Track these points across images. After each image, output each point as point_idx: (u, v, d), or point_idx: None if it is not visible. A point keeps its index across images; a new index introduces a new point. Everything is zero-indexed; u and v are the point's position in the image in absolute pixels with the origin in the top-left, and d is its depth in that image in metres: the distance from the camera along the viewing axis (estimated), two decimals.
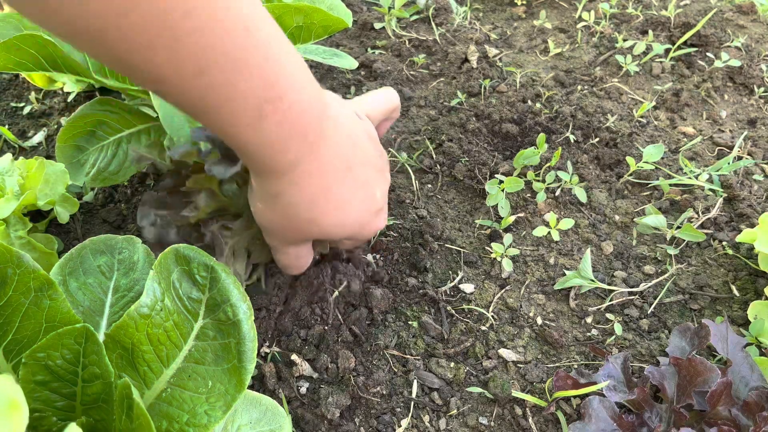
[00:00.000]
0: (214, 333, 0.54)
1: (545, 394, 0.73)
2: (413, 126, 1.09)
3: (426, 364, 0.75)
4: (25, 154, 1.03)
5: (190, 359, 0.53)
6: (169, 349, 0.53)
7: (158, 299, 0.54)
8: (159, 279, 0.54)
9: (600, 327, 0.80)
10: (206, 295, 0.55)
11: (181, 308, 0.54)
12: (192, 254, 0.56)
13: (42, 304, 0.51)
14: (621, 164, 1.00)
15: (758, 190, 0.97)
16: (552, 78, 1.18)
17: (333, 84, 1.17)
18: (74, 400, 0.52)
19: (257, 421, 0.56)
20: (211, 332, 0.54)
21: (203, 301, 0.54)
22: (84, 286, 0.58)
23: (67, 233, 0.89)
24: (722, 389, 0.63)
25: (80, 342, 0.50)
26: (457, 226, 0.92)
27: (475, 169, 0.97)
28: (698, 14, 1.28)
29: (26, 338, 0.51)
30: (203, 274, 0.55)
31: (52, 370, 0.50)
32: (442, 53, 1.25)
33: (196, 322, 0.54)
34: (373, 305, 0.80)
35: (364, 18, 1.31)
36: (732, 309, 0.82)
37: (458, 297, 0.82)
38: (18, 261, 0.50)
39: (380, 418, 0.70)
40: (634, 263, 0.88)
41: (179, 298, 0.54)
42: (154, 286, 0.54)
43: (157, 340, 0.52)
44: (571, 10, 1.36)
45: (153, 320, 0.53)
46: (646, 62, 1.20)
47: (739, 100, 1.15)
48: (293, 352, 0.75)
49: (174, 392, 0.52)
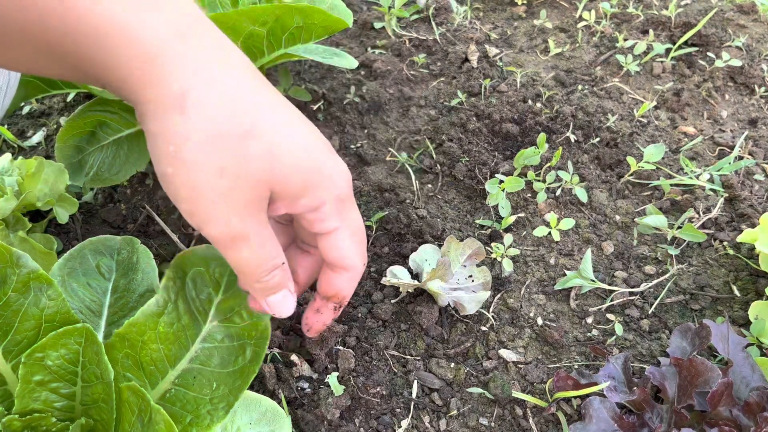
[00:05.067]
0: (223, 336, 0.54)
1: (546, 394, 0.72)
2: (413, 126, 1.09)
3: (426, 365, 0.75)
4: (24, 154, 1.03)
5: (196, 361, 0.53)
6: (177, 349, 0.53)
7: (170, 300, 0.54)
8: (174, 278, 0.55)
9: (600, 327, 0.80)
10: (219, 297, 0.55)
11: (191, 309, 0.54)
12: (210, 255, 0.56)
13: (41, 304, 0.51)
14: (621, 164, 1.00)
15: (759, 190, 0.97)
16: (552, 78, 1.17)
17: (333, 84, 1.17)
18: (74, 401, 0.52)
19: (257, 421, 0.56)
20: (219, 335, 0.54)
21: (214, 303, 0.55)
22: (83, 287, 0.58)
23: (66, 233, 0.89)
24: (723, 390, 0.63)
25: (80, 342, 0.50)
26: (457, 226, 0.92)
27: (476, 169, 0.97)
28: (699, 14, 1.28)
29: (25, 338, 0.51)
30: (218, 275, 0.55)
31: (52, 370, 0.50)
32: (442, 53, 1.24)
33: (205, 324, 0.54)
34: (373, 305, 0.80)
35: (364, 18, 1.31)
36: (733, 309, 0.81)
37: None
38: (17, 261, 0.50)
39: (380, 419, 0.70)
40: (635, 263, 0.87)
41: (192, 299, 0.55)
42: (168, 284, 0.54)
43: (166, 338, 0.52)
44: (571, 10, 1.36)
45: (164, 319, 0.53)
46: (647, 62, 1.20)
47: (740, 99, 1.15)
48: (293, 352, 0.74)
49: (178, 393, 0.52)
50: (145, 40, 0.38)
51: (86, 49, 0.38)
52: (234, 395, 0.51)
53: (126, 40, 0.38)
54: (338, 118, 1.10)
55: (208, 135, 0.40)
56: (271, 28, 0.75)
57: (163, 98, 0.39)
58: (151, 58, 0.38)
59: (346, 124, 1.09)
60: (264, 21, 0.74)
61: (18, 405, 0.49)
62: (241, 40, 0.78)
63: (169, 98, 0.39)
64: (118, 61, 0.38)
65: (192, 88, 0.39)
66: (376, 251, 0.86)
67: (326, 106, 1.13)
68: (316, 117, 1.11)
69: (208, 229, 0.42)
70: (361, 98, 1.13)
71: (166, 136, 0.40)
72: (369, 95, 1.12)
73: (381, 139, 1.07)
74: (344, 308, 0.47)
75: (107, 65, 0.39)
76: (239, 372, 0.52)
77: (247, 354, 0.53)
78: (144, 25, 0.38)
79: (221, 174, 0.40)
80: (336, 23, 0.76)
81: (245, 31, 0.76)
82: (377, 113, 1.11)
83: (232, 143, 0.40)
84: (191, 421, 0.50)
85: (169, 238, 0.88)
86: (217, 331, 0.54)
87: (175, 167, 0.41)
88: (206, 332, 0.54)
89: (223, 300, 0.55)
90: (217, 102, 0.40)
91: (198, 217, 0.42)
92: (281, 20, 0.74)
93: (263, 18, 0.74)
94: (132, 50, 0.38)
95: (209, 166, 0.40)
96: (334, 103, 1.12)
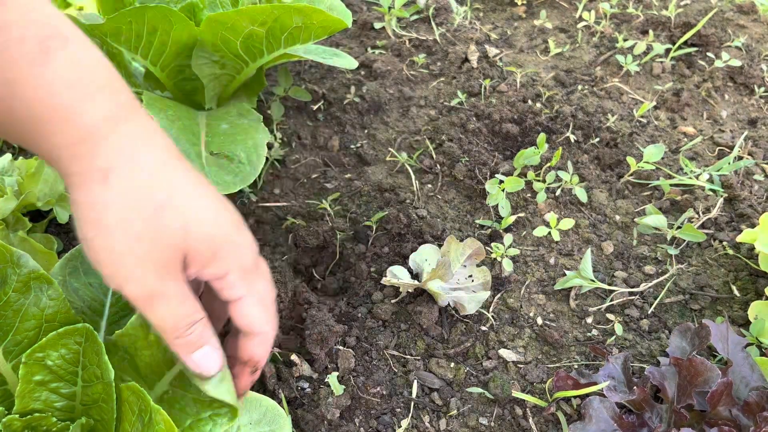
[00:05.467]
0: None
1: (545, 394, 0.73)
2: (413, 126, 1.09)
3: (426, 365, 0.75)
4: (24, 154, 1.03)
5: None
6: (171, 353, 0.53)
7: None
8: None
9: (600, 327, 0.80)
10: None
11: None
12: None
13: (42, 304, 0.51)
14: (621, 164, 1.00)
15: (759, 190, 0.97)
16: (552, 78, 1.17)
17: (333, 84, 1.17)
18: (74, 401, 0.52)
19: (257, 422, 0.56)
20: None
21: None
22: (84, 287, 0.58)
23: (66, 233, 0.89)
24: (723, 389, 0.63)
25: (80, 342, 0.50)
26: (457, 226, 0.92)
27: (475, 169, 0.97)
28: (699, 14, 1.28)
29: (26, 338, 0.51)
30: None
31: (52, 370, 0.50)
32: (442, 53, 1.25)
33: None
34: (373, 305, 0.80)
35: (364, 18, 1.31)
36: (732, 309, 0.81)
37: None
38: (18, 261, 0.50)
39: (380, 419, 0.70)
40: (635, 263, 0.88)
41: None
42: None
43: (158, 344, 0.52)
44: (571, 10, 1.36)
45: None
46: (647, 62, 1.20)
47: (740, 100, 1.15)
48: (293, 351, 0.75)
49: (176, 394, 0.52)
50: (80, 125, 0.44)
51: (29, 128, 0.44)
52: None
53: (63, 124, 0.44)
54: (338, 118, 1.10)
55: (127, 205, 0.45)
56: (270, 28, 0.75)
57: (89, 172, 0.45)
58: (83, 140, 0.44)
59: (346, 124, 1.09)
60: (263, 21, 0.74)
61: (18, 405, 0.49)
62: (241, 40, 0.78)
63: (94, 172, 0.44)
64: (55, 141, 0.44)
65: (115, 165, 0.45)
66: (376, 251, 0.87)
67: (326, 106, 1.13)
68: (316, 117, 1.11)
69: (128, 288, 0.45)
70: (361, 98, 1.13)
71: (89, 204, 0.45)
72: (369, 95, 1.12)
73: (381, 139, 1.07)
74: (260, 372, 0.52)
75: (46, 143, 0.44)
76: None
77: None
78: (81, 113, 0.44)
79: (138, 239, 0.45)
80: (335, 23, 0.77)
81: (244, 31, 0.76)
82: (377, 113, 1.11)
83: (149, 213, 0.45)
84: (191, 424, 0.50)
85: None
86: None
87: (95, 232, 0.45)
88: None
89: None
90: (136, 177, 0.45)
91: (118, 279, 0.45)
92: (280, 20, 0.74)
93: (262, 18, 0.74)
94: (67, 133, 0.44)
95: (128, 231, 0.44)
96: (334, 103, 1.12)
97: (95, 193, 0.44)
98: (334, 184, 0.99)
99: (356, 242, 0.89)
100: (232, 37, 0.77)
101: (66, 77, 0.43)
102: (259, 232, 0.92)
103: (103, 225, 0.45)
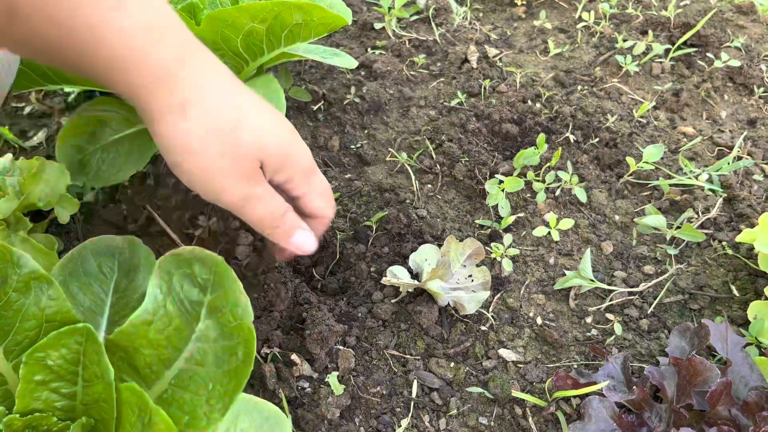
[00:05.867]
0: (216, 335, 0.54)
1: (545, 394, 0.73)
2: (413, 126, 1.09)
3: (426, 364, 0.76)
4: (25, 154, 1.03)
5: (192, 361, 0.53)
6: (171, 352, 0.53)
7: (160, 304, 0.54)
8: (160, 283, 0.54)
9: (600, 327, 0.80)
10: (208, 297, 0.55)
11: (182, 311, 0.54)
12: (193, 256, 0.55)
13: (42, 304, 0.51)
14: (621, 164, 1.00)
15: (758, 190, 0.97)
16: (552, 78, 1.18)
17: (333, 84, 1.17)
18: (74, 400, 0.52)
19: (259, 426, 0.56)
20: (212, 334, 0.54)
21: (205, 304, 0.54)
22: (85, 287, 0.58)
23: (67, 233, 0.89)
24: (722, 389, 0.63)
25: (80, 342, 0.50)
26: (457, 226, 0.92)
27: (475, 169, 0.97)
28: (698, 14, 1.28)
29: (26, 338, 0.51)
30: (205, 276, 0.55)
31: (53, 369, 0.50)
32: (442, 53, 1.25)
33: (197, 324, 0.54)
34: (373, 305, 0.80)
35: (364, 18, 1.31)
36: (732, 309, 0.82)
37: None
38: (18, 261, 0.50)
39: (380, 418, 0.70)
40: (634, 263, 0.88)
41: (181, 300, 0.54)
42: (156, 291, 0.54)
43: (158, 343, 0.52)
44: (571, 10, 1.36)
45: (155, 325, 0.53)
46: (646, 62, 1.21)
47: (739, 100, 1.15)
48: (293, 351, 0.75)
49: (175, 393, 0.52)
50: (153, 66, 0.50)
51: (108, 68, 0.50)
52: (230, 396, 0.51)
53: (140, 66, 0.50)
54: (338, 119, 1.10)
55: (206, 129, 0.52)
56: (270, 25, 0.75)
57: (168, 107, 0.51)
58: (158, 79, 0.50)
59: (346, 124, 1.09)
60: (263, 18, 0.74)
61: (19, 405, 0.50)
62: (241, 38, 0.78)
63: (173, 107, 0.51)
64: (132, 81, 0.50)
65: (190, 97, 0.51)
66: (376, 251, 0.87)
67: (326, 107, 1.13)
68: (316, 117, 1.11)
69: (225, 197, 0.54)
70: (361, 98, 1.13)
71: (173, 135, 0.52)
72: (369, 95, 1.13)
73: (381, 139, 1.07)
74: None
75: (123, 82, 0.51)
76: (233, 372, 0.52)
77: (239, 354, 0.52)
78: (154, 54, 0.50)
79: (222, 156, 0.52)
80: (335, 20, 0.77)
81: (245, 28, 0.76)
82: (377, 113, 1.11)
83: (226, 133, 0.52)
84: (188, 422, 0.50)
85: (170, 238, 0.88)
86: (211, 329, 0.54)
87: (183, 157, 0.52)
88: (200, 332, 0.54)
89: (212, 299, 0.55)
90: (210, 105, 0.52)
91: (213, 192, 0.54)
92: (281, 17, 0.74)
93: (262, 15, 0.74)
94: (144, 73, 0.50)
95: (211, 151, 0.52)
96: (334, 104, 1.13)
97: (177, 125, 0.51)
98: (334, 184, 0.99)
99: (356, 242, 0.89)
100: (232, 34, 0.77)
101: (139, 22, 0.49)
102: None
103: (189, 150, 0.52)
